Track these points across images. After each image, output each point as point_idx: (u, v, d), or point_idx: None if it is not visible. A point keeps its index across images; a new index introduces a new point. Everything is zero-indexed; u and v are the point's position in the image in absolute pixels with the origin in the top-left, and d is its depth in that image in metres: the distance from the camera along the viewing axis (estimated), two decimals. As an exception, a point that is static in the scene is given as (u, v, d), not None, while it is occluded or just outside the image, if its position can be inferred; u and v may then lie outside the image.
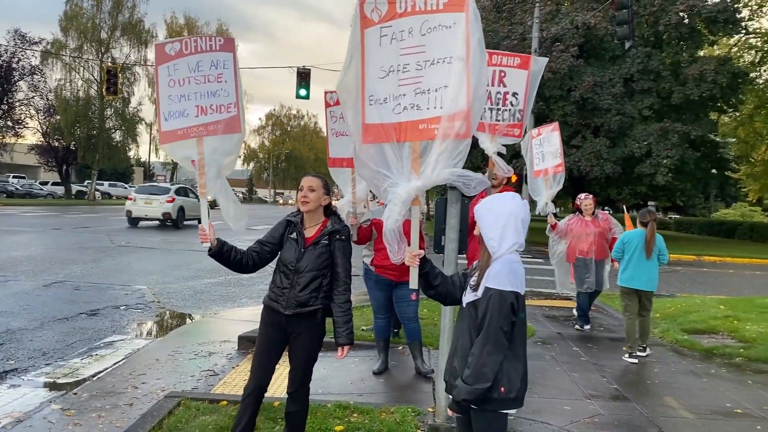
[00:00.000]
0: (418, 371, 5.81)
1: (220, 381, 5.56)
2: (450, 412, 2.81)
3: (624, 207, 7.48)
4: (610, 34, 23.82)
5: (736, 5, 26.51)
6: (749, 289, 13.70)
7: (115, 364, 6.04)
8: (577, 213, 8.23)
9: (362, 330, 7.09)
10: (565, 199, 35.87)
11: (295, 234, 3.60)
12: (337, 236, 3.58)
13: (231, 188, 3.86)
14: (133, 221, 23.02)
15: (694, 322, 8.47)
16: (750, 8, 30.77)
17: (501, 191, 5.55)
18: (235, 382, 5.47)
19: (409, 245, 3.10)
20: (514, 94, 5.19)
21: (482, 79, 3.22)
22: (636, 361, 6.67)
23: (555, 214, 7.83)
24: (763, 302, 9.97)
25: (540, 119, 24.75)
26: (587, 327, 8.21)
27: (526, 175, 23.64)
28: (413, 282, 3.04)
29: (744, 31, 30.64)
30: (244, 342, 6.64)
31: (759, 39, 32.25)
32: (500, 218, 2.70)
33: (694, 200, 33.70)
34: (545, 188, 7.19)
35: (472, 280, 2.80)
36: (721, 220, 42.81)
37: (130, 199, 23.37)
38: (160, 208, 22.72)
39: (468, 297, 2.79)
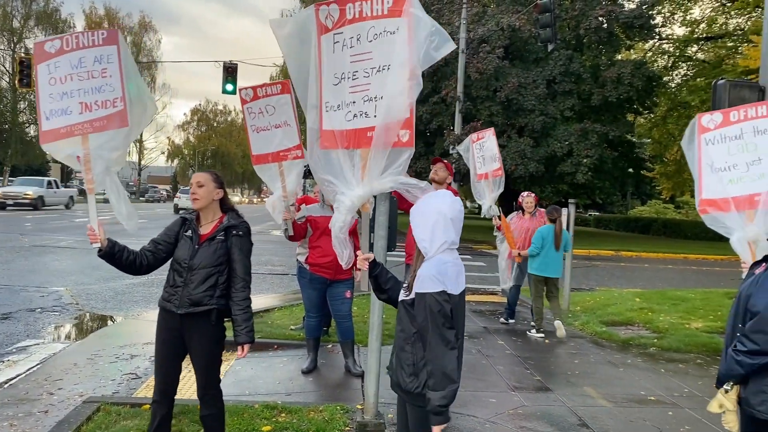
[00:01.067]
0: (348, 370, 5.81)
1: (143, 384, 5.37)
2: (437, 429, 2.58)
3: (500, 210, 7.83)
4: (533, 36, 24.53)
5: (650, 12, 27.86)
6: (662, 282, 14.45)
7: (28, 369, 5.74)
8: (518, 211, 8.52)
9: (291, 329, 7.03)
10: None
11: (190, 231, 3.50)
12: (234, 232, 3.48)
13: (122, 186, 3.71)
14: (178, 210, 32.43)
15: (612, 315, 8.86)
16: (663, 15, 32.39)
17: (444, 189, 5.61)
18: (159, 385, 5.31)
19: (358, 249, 3.14)
20: None
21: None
22: (543, 335, 7.70)
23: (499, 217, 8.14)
24: (675, 294, 10.55)
25: (467, 119, 25.24)
26: (512, 321, 8.46)
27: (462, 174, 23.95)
28: (364, 284, 3.07)
29: (657, 37, 32.27)
30: (169, 344, 6.45)
31: (671, 45, 34.01)
32: (429, 218, 2.69)
33: (612, 198, 35.11)
34: (488, 192, 7.53)
35: (407, 280, 2.82)
36: (637, 217, 44.93)
37: (177, 197, 36.40)
38: None
39: (401, 295, 2.80)
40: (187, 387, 5.04)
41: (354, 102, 3.30)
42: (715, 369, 6.29)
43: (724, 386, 2.82)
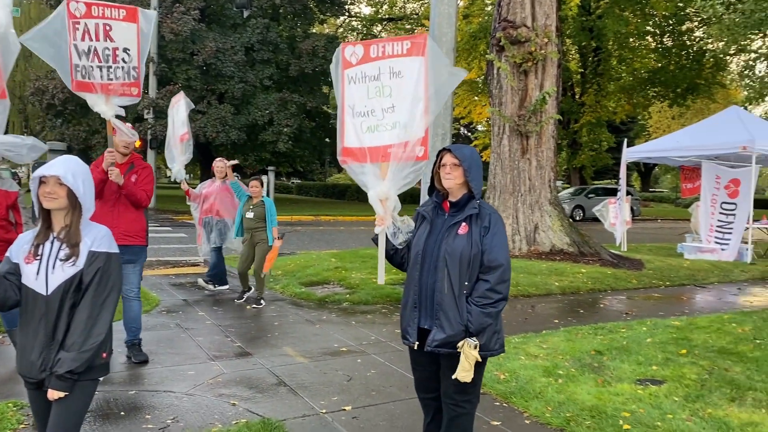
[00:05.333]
0: (20, 361, 5.08)
1: None
2: (54, 395, 2.44)
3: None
4: (230, 1, 24.17)
5: (340, -11, 29.57)
6: (355, 243, 15.69)
7: None
8: (213, 177, 8.48)
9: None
10: (193, 165, 35.70)
11: None
12: None
13: None
14: None
15: (311, 275, 9.31)
16: (351, -7, 34.69)
17: (129, 159, 5.15)
18: None
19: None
20: (126, 50, 4.79)
21: None
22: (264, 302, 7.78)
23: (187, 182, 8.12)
24: (365, 252, 11.50)
25: (163, 82, 23.93)
26: (225, 287, 8.52)
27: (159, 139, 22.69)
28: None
29: (347, 14, 34.46)
30: None
31: (359, 22, 36.66)
32: (87, 181, 2.60)
33: (312, 166, 36.96)
34: (178, 155, 7.50)
35: (62, 254, 2.49)
36: (334, 184, 48.06)
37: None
38: None
39: (64, 272, 2.47)
40: None
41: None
42: (396, 316, 7.03)
43: (472, 341, 2.85)
